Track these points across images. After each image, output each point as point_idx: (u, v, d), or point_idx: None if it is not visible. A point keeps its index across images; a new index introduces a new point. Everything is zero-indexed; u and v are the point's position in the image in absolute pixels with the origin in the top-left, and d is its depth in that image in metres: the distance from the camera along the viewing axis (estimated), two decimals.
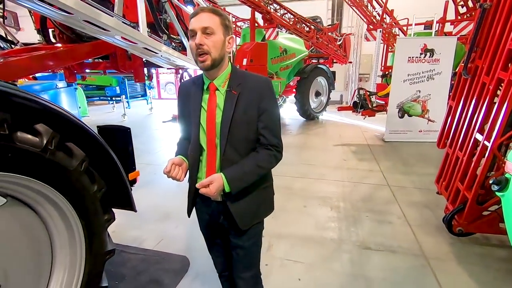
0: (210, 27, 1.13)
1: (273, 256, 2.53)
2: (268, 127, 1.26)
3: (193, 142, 1.30)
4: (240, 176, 1.21)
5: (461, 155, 2.66)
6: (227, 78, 1.25)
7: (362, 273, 2.31)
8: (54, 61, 2.14)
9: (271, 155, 1.27)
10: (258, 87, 1.24)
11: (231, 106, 1.21)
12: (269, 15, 6.60)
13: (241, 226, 1.31)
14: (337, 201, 3.55)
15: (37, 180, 1.27)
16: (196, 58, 1.16)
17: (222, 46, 1.18)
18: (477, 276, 2.25)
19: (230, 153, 1.24)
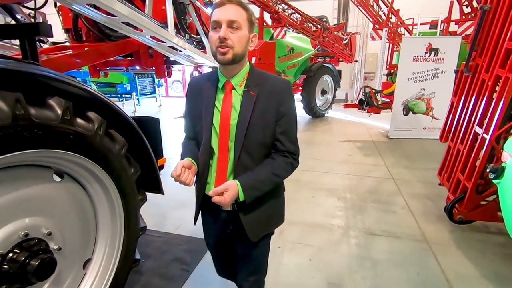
0: (237, 21, 1.05)
1: (285, 239, 2.72)
2: (286, 133, 1.19)
3: (204, 144, 1.20)
4: (256, 185, 1.14)
5: (461, 148, 2.83)
6: (245, 77, 1.16)
7: (368, 255, 2.50)
8: (88, 58, 2.36)
9: (288, 162, 1.20)
10: (278, 89, 1.17)
11: (249, 108, 1.13)
12: (277, 15, 6.78)
13: (251, 239, 1.25)
14: (343, 193, 3.73)
15: (89, 159, 1.47)
16: (216, 50, 1.07)
17: (246, 43, 1.10)
18: (475, 259, 2.43)
19: (245, 158, 1.16)
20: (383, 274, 2.26)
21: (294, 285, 2.17)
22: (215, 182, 1.21)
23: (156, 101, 11.14)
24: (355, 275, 2.27)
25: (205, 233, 1.45)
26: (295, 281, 2.21)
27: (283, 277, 2.25)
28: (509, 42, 2.22)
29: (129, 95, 9.73)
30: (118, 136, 1.65)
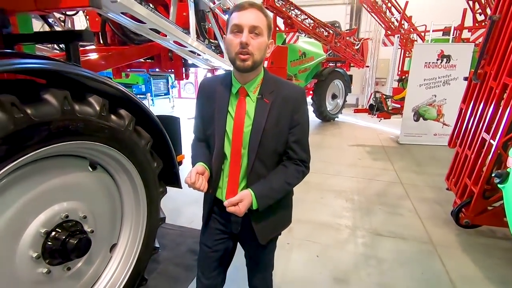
0: (260, 27, 1.04)
1: (294, 237, 2.84)
2: (300, 141, 1.19)
3: (217, 150, 1.20)
4: (269, 193, 1.15)
5: (469, 153, 2.89)
6: (259, 84, 1.15)
7: (374, 254, 2.59)
8: (116, 60, 2.55)
9: (300, 171, 1.21)
10: (293, 97, 1.16)
11: (263, 116, 1.13)
12: (290, 20, 6.92)
13: (261, 242, 1.26)
14: (351, 195, 3.82)
15: (119, 152, 1.63)
16: (236, 56, 1.05)
17: (265, 50, 1.09)
18: (480, 261, 2.48)
19: (258, 166, 1.17)
20: (388, 272, 2.35)
21: (301, 279, 2.28)
22: (227, 187, 1.22)
23: (169, 102, 11.42)
24: (361, 272, 2.36)
25: (205, 234, 1.38)
26: (303, 275, 2.32)
27: (291, 271, 2.36)
28: None
29: (144, 95, 10.03)
30: (144, 133, 1.81)
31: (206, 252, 1.37)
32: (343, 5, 12.39)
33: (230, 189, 1.22)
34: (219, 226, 1.34)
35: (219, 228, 1.34)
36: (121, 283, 1.81)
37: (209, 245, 1.36)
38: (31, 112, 1.17)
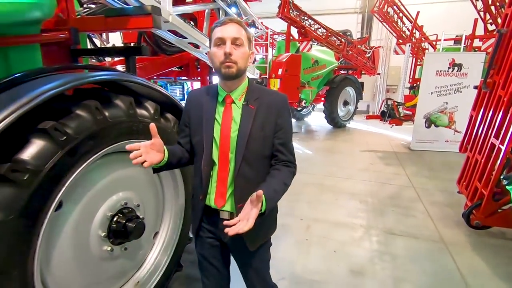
0: (240, 39, 1.13)
1: (311, 234, 3.03)
2: (285, 144, 1.25)
3: (206, 156, 1.23)
4: (273, 196, 1.15)
5: (479, 158, 3.05)
6: (244, 91, 1.23)
7: (387, 250, 2.76)
8: (153, 69, 2.83)
9: (291, 171, 1.27)
10: (276, 103, 1.24)
11: (249, 121, 1.19)
12: (304, 30, 7.18)
13: (250, 248, 1.29)
14: (365, 197, 3.99)
15: None
16: (220, 65, 1.13)
17: (247, 59, 1.18)
18: (490, 259, 2.62)
19: (245, 169, 1.21)
20: (401, 267, 2.52)
21: (321, 270, 2.47)
22: (216, 192, 1.25)
23: None
24: (376, 266, 2.54)
25: (198, 245, 1.41)
26: (322, 267, 2.51)
27: (311, 263, 2.56)
28: None
29: None
30: None
31: (204, 261, 1.41)
32: (354, 14, 12.64)
33: (218, 194, 1.25)
34: (209, 234, 1.35)
35: (210, 236, 1.36)
36: (162, 267, 2.04)
37: (205, 255, 1.39)
38: (108, 115, 1.43)
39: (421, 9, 9.00)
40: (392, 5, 8.48)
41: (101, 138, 1.41)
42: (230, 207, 1.26)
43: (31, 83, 1.20)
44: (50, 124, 1.18)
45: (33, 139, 1.15)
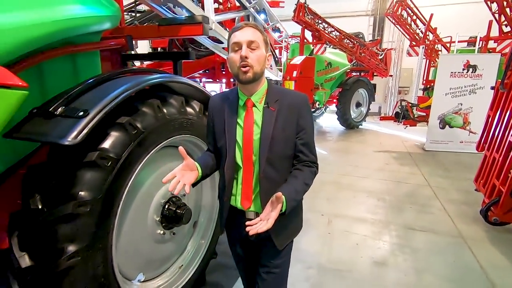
0: (256, 42, 1.14)
1: (333, 228, 3.17)
2: (307, 144, 1.26)
3: (229, 159, 1.25)
4: (295, 196, 1.17)
5: (497, 156, 3.15)
6: (264, 94, 1.24)
7: (408, 244, 2.88)
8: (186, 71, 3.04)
9: (313, 171, 1.28)
10: (297, 103, 1.25)
11: (270, 123, 1.20)
12: (319, 33, 7.34)
13: (278, 246, 1.30)
14: (382, 195, 4.10)
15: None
16: (238, 70, 1.14)
17: (264, 62, 1.19)
18: (509, 254, 2.72)
19: (269, 170, 1.22)
20: (422, 259, 2.64)
21: (345, 261, 2.61)
22: (241, 194, 1.28)
23: None
24: (397, 258, 2.67)
25: (231, 245, 1.48)
26: (346, 258, 2.65)
27: (335, 255, 2.70)
28: None
29: None
30: None
31: (236, 256, 1.50)
32: (366, 16, 12.72)
33: (244, 196, 1.27)
34: (236, 234, 1.41)
35: (236, 235, 1.41)
36: (201, 254, 2.22)
37: (237, 251, 1.47)
38: (166, 112, 1.63)
39: (435, 11, 9.05)
40: (406, 8, 8.57)
41: (161, 132, 1.60)
42: (256, 207, 1.28)
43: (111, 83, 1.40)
44: (126, 119, 1.38)
45: (112, 132, 1.35)
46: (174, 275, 2.01)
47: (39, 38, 1.11)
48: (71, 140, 1.12)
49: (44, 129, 1.16)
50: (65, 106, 1.25)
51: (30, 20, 1.06)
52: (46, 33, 1.13)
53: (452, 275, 2.44)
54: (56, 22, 1.16)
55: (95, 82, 1.37)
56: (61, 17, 1.18)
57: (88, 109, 1.21)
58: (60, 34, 1.22)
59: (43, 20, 1.10)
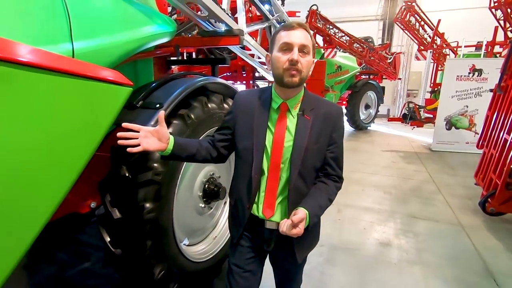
0: (308, 46, 1.09)
1: (343, 215, 3.53)
2: (337, 159, 1.23)
3: (256, 165, 1.18)
4: (317, 212, 1.15)
5: (494, 152, 3.46)
6: (300, 100, 1.19)
7: (411, 229, 3.21)
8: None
9: (338, 187, 1.25)
10: (332, 116, 1.20)
11: (305, 132, 1.15)
12: (329, 38, 7.70)
13: (299, 260, 1.27)
14: (389, 189, 4.43)
15: None
16: (284, 72, 1.09)
17: (311, 68, 1.15)
18: (502, 238, 3.03)
19: (299, 182, 1.18)
20: (423, 241, 2.97)
21: (354, 242, 2.96)
22: (264, 202, 1.21)
23: None
24: (401, 240, 3.00)
25: (235, 254, 1.34)
26: (355, 240, 3.00)
27: (345, 237, 3.06)
28: None
29: None
30: None
31: (237, 273, 1.33)
32: (376, 21, 13.01)
33: (267, 204, 1.21)
34: (250, 244, 1.31)
35: (250, 246, 1.31)
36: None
37: (241, 265, 1.32)
38: (210, 107, 2.03)
39: (442, 16, 9.30)
40: (414, 14, 8.86)
41: (206, 123, 2.00)
42: (278, 217, 1.22)
43: (173, 83, 1.81)
44: (185, 111, 1.78)
45: (175, 120, 1.75)
46: (209, 244, 2.40)
47: (132, 50, 1.52)
48: (151, 125, 1.53)
49: (132, 117, 1.57)
50: (143, 100, 1.66)
51: (127, 38, 1.47)
52: (136, 46, 1.54)
53: (449, 254, 2.77)
54: (142, 38, 1.57)
55: (162, 82, 1.78)
56: (145, 34, 1.59)
57: (162, 102, 1.61)
58: (143, 46, 1.63)
59: (134, 38, 1.51)
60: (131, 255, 1.62)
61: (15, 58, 0.90)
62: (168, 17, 1.97)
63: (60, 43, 1.12)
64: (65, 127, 1.09)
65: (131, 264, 1.65)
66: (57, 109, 1.06)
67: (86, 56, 1.20)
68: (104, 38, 1.33)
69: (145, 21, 1.63)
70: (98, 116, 1.22)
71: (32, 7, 1.07)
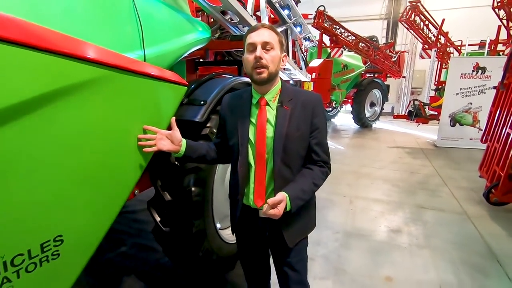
0: (271, 43, 1.15)
1: (355, 206, 3.75)
2: (320, 144, 1.27)
3: (242, 157, 1.26)
4: (300, 195, 1.19)
5: (497, 146, 3.67)
6: (278, 93, 1.25)
7: (419, 218, 3.44)
8: None
9: (324, 172, 1.28)
10: (311, 103, 1.25)
11: (284, 122, 1.21)
12: (336, 38, 7.91)
13: (289, 244, 1.31)
14: (396, 182, 4.65)
15: None
16: (252, 71, 1.17)
17: (278, 62, 1.20)
18: (506, 226, 3.24)
19: (283, 169, 1.23)
20: (430, 228, 3.20)
21: (366, 229, 3.19)
22: (254, 193, 1.26)
23: None
24: (410, 227, 3.23)
25: (240, 243, 1.47)
26: (367, 227, 3.23)
27: (358, 224, 3.29)
28: None
29: None
30: None
31: (244, 255, 1.49)
32: (380, 20, 13.19)
33: (257, 194, 1.26)
34: (247, 233, 1.41)
35: (248, 235, 1.41)
36: None
37: (245, 250, 1.47)
38: None
39: (446, 14, 9.48)
40: (419, 13, 9.04)
41: None
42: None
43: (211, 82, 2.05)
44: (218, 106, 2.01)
45: (213, 116, 1.98)
46: None
47: (182, 54, 1.76)
48: (199, 118, 1.76)
49: (181, 113, 1.80)
50: (187, 98, 1.90)
51: (180, 44, 1.71)
52: (186, 51, 1.78)
53: (455, 239, 2.99)
54: (190, 44, 1.81)
55: (201, 82, 2.01)
56: (192, 40, 1.83)
57: (206, 99, 1.85)
58: (189, 51, 1.86)
59: (184, 44, 1.75)
60: (179, 233, 1.86)
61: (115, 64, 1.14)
62: (205, 24, 2.21)
63: (136, 50, 1.36)
64: (142, 120, 1.33)
65: (179, 241, 1.90)
66: (138, 105, 1.30)
67: (153, 61, 1.44)
68: (164, 45, 1.56)
69: (191, 29, 1.87)
70: (163, 111, 1.46)
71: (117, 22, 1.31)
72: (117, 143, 1.24)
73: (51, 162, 1.00)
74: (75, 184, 1.10)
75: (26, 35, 0.86)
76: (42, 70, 0.92)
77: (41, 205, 1.00)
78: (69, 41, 1.00)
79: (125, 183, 1.33)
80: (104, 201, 1.24)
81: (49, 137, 0.98)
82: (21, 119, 0.89)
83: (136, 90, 1.28)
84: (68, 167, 1.06)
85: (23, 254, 0.98)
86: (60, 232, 1.08)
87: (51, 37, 0.94)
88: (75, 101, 1.02)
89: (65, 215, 1.09)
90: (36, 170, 0.96)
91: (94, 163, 1.15)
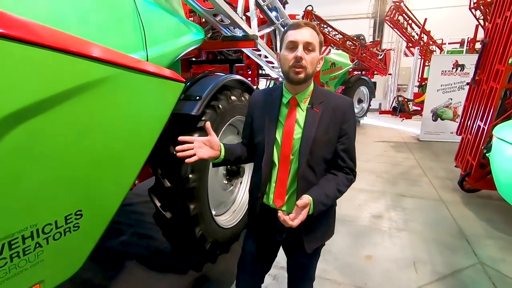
0: (313, 44, 1.12)
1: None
2: (348, 150, 1.25)
3: (266, 156, 1.24)
4: (323, 200, 1.16)
5: (470, 137, 3.98)
6: (309, 94, 1.23)
7: (399, 205, 3.71)
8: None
9: (349, 179, 1.26)
10: (342, 107, 1.22)
11: (314, 124, 1.19)
12: (324, 36, 8.16)
13: (307, 250, 1.29)
14: (380, 173, 4.93)
15: None
16: (289, 69, 1.14)
17: (316, 64, 1.18)
18: (476, 210, 3.54)
19: (307, 172, 1.20)
20: (409, 213, 3.48)
21: (350, 215, 3.45)
22: (275, 192, 1.26)
23: None
24: (390, 213, 3.50)
25: (249, 240, 1.44)
26: (352, 214, 3.48)
27: (342, 211, 3.53)
28: (498, 65, 3.40)
29: None
30: None
31: (248, 258, 1.43)
32: (367, 18, 13.53)
33: (278, 194, 1.26)
34: (264, 233, 1.38)
35: (263, 234, 1.38)
36: (246, 205, 3.05)
37: (253, 251, 1.41)
38: (232, 99, 2.46)
39: (428, 14, 9.86)
40: (402, 13, 9.38)
41: (230, 113, 2.43)
42: (288, 207, 1.27)
43: (205, 79, 2.24)
44: (215, 102, 2.21)
45: (208, 110, 2.17)
46: (230, 216, 2.85)
47: (179, 55, 1.95)
48: (195, 112, 1.96)
49: (179, 108, 1.99)
50: (184, 93, 2.09)
51: (177, 45, 1.89)
52: (182, 51, 1.96)
53: (431, 222, 3.27)
54: (186, 45, 1.99)
55: (196, 79, 2.21)
56: (187, 41, 2.02)
57: (201, 95, 2.04)
58: (185, 51, 2.05)
59: (181, 45, 1.94)
60: (178, 217, 2.06)
61: (123, 63, 1.33)
62: (199, 26, 2.39)
63: (139, 51, 1.54)
64: (146, 113, 1.52)
65: (177, 225, 2.09)
66: (143, 99, 1.49)
67: (154, 61, 1.62)
68: (164, 46, 1.75)
69: (187, 31, 2.05)
70: (164, 105, 1.65)
71: (123, 26, 1.49)
72: (125, 133, 1.43)
73: (75, 149, 1.19)
74: (92, 167, 1.29)
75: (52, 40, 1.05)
76: (65, 68, 1.10)
77: (66, 183, 1.19)
78: (86, 44, 1.18)
79: (132, 168, 1.52)
80: (115, 183, 1.43)
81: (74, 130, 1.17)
82: (50, 111, 1.07)
83: (141, 86, 1.47)
84: (87, 152, 1.25)
85: (51, 224, 1.16)
86: (80, 207, 1.26)
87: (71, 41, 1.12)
88: (93, 95, 1.21)
89: (85, 194, 1.28)
90: (63, 155, 1.15)
91: (108, 149, 1.34)
